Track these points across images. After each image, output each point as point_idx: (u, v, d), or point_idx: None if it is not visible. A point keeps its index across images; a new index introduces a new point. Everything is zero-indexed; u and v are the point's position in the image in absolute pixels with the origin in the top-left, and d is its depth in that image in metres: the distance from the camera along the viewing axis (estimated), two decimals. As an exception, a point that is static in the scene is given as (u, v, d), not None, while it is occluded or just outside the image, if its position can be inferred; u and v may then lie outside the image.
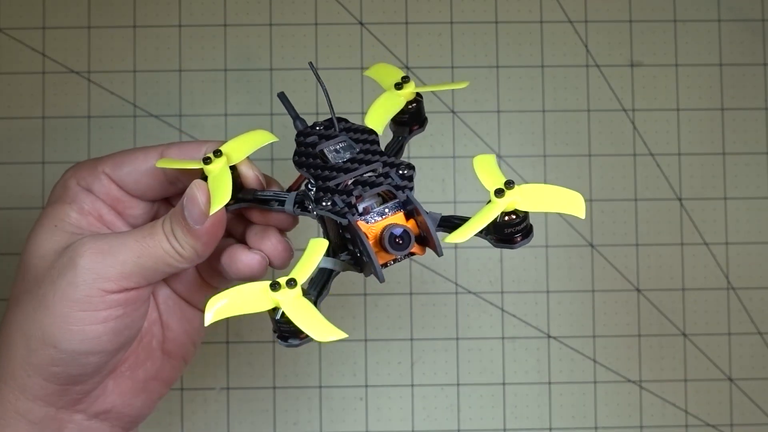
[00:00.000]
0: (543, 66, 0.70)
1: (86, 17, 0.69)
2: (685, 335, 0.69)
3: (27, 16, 0.69)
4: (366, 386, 0.68)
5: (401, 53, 0.70)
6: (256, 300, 0.43)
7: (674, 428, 0.68)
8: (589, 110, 0.70)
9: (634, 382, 0.69)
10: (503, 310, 0.69)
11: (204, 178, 0.48)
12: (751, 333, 0.69)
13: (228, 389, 0.68)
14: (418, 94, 0.52)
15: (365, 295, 0.69)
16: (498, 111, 0.70)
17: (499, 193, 0.44)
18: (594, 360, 0.69)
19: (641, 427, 0.69)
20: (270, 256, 0.49)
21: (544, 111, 0.70)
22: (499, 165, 0.48)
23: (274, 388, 0.68)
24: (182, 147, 0.51)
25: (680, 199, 0.70)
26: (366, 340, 0.68)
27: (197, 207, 0.46)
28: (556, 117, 0.70)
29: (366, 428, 0.68)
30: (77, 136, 0.68)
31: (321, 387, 0.68)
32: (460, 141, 0.69)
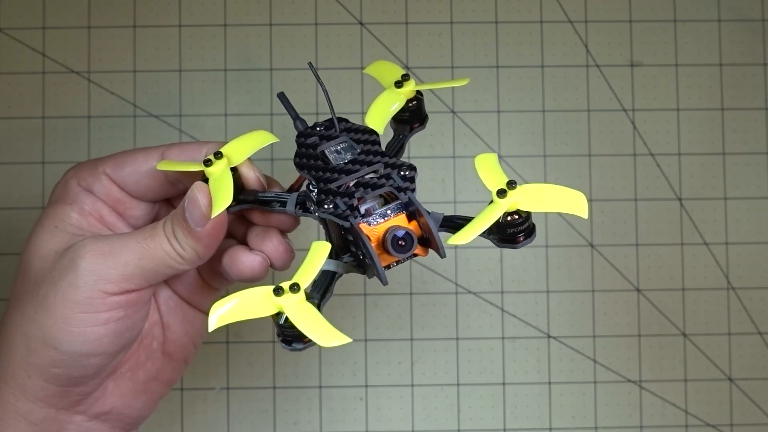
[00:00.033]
0: (543, 66, 0.70)
1: (86, 17, 0.69)
2: (685, 335, 0.69)
3: (27, 16, 0.68)
4: (366, 386, 0.68)
5: (401, 53, 0.70)
6: (260, 305, 0.42)
7: (674, 428, 0.68)
8: (589, 110, 0.70)
9: (634, 382, 0.69)
10: (503, 310, 0.69)
11: (205, 180, 0.47)
12: (751, 333, 0.69)
13: (228, 389, 0.68)
14: (419, 92, 0.52)
15: (365, 295, 0.69)
16: (498, 111, 0.70)
17: (502, 194, 0.44)
18: (594, 360, 0.69)
19: (641, 427, 0.69)
20: (271, 258, 0.49)
21: (544, 111, 0.70)
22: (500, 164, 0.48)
23: (274, 388, 0.68)
24: (183, 148, 0.51)
25: (680, 199, 0.70)
26: (366, 340, 0.68)
27: (198, 209, 0.46)
28: (556, 117, 0.70)
29: (366, 428, 0.68)
30: (77, 136, 0.68)
31: (321, 387, 0.68)
32: (460, 141, 0.69)
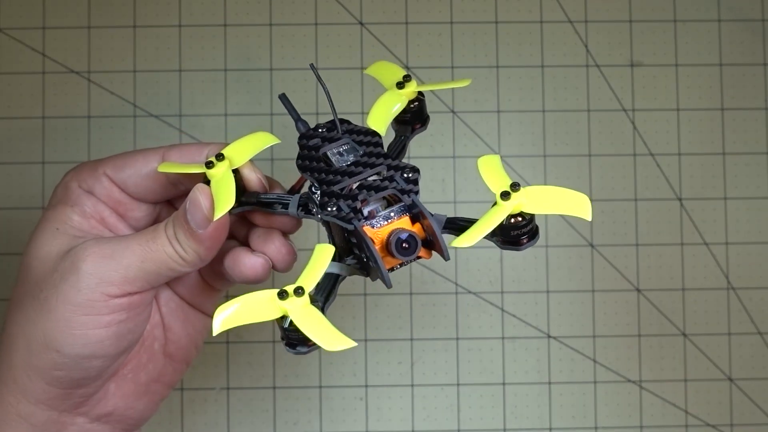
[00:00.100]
0: (543, 66, 0.70)
1: (86, 17, 0.69)
2: (685, 335, 0.69)
3: (27, 16, 0.68)
4: (366, 386, 0.68)
5: (401, 53, 0.70)
6: (264, 309, 0.42)
7: (674, 428, 0.69)
8: (589, 110, 0.70)
9: (634, 382, 0.69)
10: (503, 310, 0.69)
11: (206, 182, 0.47)
12: (751, 333, 0.69)
13: (228, 389, 0.68)
14: (420, 93, 0.52)
15: (365, 295, 0.68)
16: (498, 111, 0.70)
17: (505, 196, 0.44)
18: (594, 360, 0.69)
19: (641, 427, 0.69)
20: (273, 260, 0.49)
21: (544, 111, 0.70)
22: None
23: (274, 388, 0.68)
24: (183, 149, 0.50)
25: (680, 199, 0.70)
26: (366, 340, 0.68)
27: (200, 211, 0.46)
28: (556, 117, 0.70)
29: (366, 428, 0.68)
30: (77, 136, 0.68)
31: (321, 387, 0.68)
32: (460, 141, 0.69)
